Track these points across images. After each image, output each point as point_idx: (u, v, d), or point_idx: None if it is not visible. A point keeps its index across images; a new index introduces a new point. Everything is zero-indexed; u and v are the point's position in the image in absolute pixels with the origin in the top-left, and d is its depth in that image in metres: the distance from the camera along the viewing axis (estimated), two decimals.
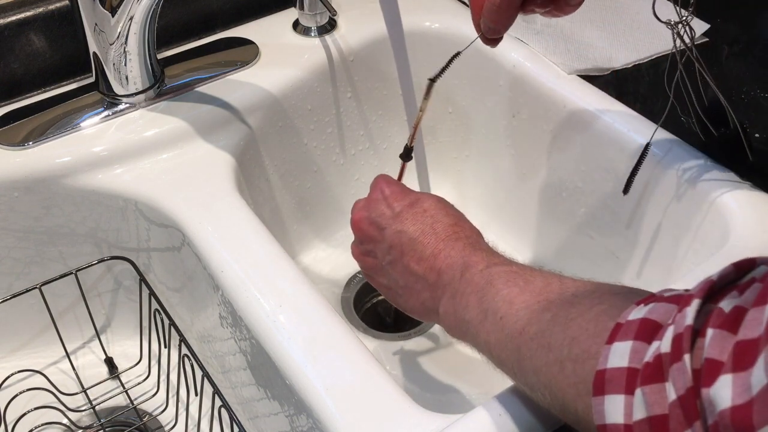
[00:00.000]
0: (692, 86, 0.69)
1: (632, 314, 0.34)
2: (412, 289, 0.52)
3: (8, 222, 0.68)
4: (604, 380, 0.33)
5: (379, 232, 0.54)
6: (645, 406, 0.30)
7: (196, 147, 0.69)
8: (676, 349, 0.30)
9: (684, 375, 0.29)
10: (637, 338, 0.32)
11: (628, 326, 0.33)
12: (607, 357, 0.33)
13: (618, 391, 0.32)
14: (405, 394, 0.50)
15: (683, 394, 0.29)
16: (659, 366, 0.30)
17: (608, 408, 0.32)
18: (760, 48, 0.72)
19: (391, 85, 0.83)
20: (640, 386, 0.31)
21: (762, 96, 0.68)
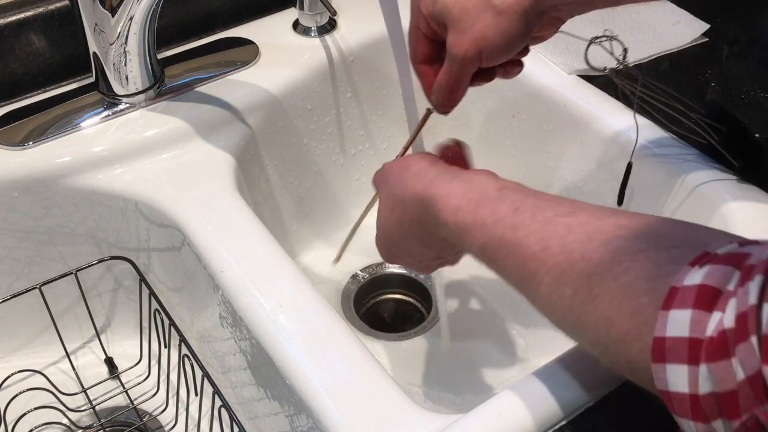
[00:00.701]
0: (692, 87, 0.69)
1: (688, 278, 0.33)
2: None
3: (8, 222, 0.68)
4: (664, 348, 0.32)
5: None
6: (712, 382, 0.30)
7: (196, 147, 0.69)
8: (741, 328, 0.29)
9: (752, 355, 0.28)
10: (696, 307, 0.31)
11: (686, 292, 0.32)
12: (666, 324, 0.32)
13: (681, 360, 0.31)
14: (405, 394, 0.50)
15: (752, 374, 0.29)
16: (724, 342, 0.30)
17: (671, 377, 0.32)
18: (760, 48, 0.73)
19: (391, 85, 0.83)
20: (705, 362, 0.30)
21: (762, 96, 0.68)
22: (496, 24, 0.47)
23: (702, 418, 0.31)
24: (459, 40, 0.49)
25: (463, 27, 0.48)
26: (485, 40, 0.48)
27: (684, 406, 0.32)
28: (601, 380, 0.47)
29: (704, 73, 0.71)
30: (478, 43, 0.48)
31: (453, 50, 0.49)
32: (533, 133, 0.77)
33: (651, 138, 0.67)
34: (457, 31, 0.49)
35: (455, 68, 0.50)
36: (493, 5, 0.47)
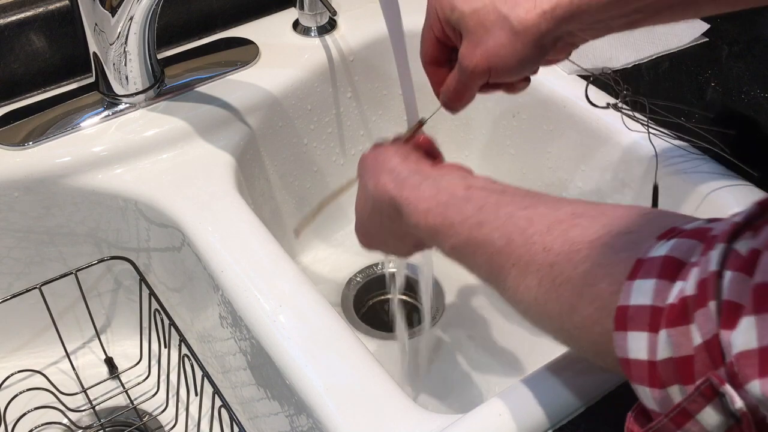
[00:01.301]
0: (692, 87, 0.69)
1: (654, 250, 0.33)
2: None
3: (8, 222, 0.68)
4: (626, 316, 0.33)
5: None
6: (670, 347, 0.31)
7: (196, 147, 0.69)
8: (701, 294, 0.30)
9: (710, 320, 0.29)
10: (661, 276, 0.32)
11: (651, 263, 0.33)
12: (630, 293, 0.33)
13: (641, 328, 0.32)
14: (405, 394, 0.50)
15: (709, 338, 0.29)
16: (684, 308, 0.30)
17: (631, 344, 0.32)
18: (760, 48, 0.72)
19: (391, 85, 0.83)
20: (665, 327, 0.31)
21: (762, 96, 0.68)
22: (510, 44, 0.47)
23: (658, 384, 0.31)
24: (471, 52, 0.48)
25: (477, 40, 0.48)
26: (497, 57, 0.47)
27: (642, 373, 0.32)
28: (600, 381, 0.47)
29: (704, 73, 0.71)
30: (489, 60, 0.48)
31: (464, 61, 0.49)
32: (533, 133, 0.77)
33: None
34: (471, 43, 0.48)
35: (463, 78, 0.50)
36: (510, 24, 0.46)
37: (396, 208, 0.49)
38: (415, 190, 0.48)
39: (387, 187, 0.50)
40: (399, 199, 0.49)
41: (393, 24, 0.53)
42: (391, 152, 0.53)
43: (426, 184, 0.48)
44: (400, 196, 0.49)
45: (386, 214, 0.51)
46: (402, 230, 0.51)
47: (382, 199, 0.51)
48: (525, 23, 0.46)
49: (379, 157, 0.53)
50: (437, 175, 0.49)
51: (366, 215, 0.54)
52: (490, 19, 0.47)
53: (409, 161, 0.52)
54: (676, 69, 0.72)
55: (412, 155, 0.53)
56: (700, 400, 0.29)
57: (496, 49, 0.47)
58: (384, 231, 0.53)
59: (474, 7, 0.47)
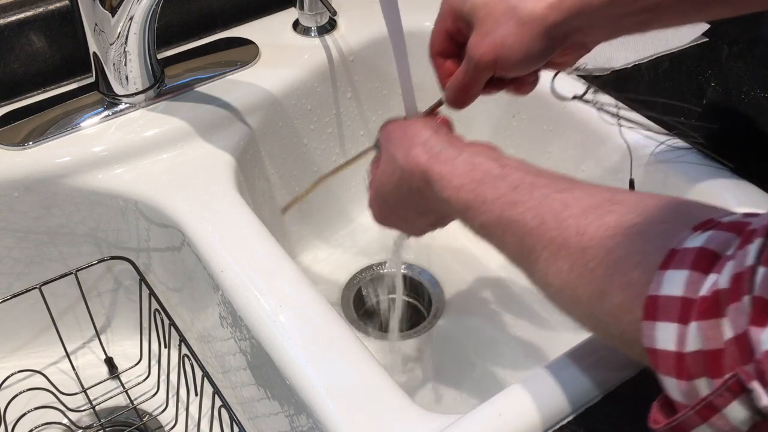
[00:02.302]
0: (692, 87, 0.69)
1: (688, 241, 0.33)
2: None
3: (8, 222, 0.68)
4: (656, 306, 0.33)
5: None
6: (700, 339, 0.30)
7: (196, 147, 0.69)
8: (735, 288, 0.29)
9: (743, 315, 0.29)
10: (694, 268, 0.32)
11: (684, 254, 0.33)
12: (661, 283, 0.33)
13: (671, 319, 0.32)
14: (405, 394, 0.50)
15: (741, 333, 0.29)
16: (716, 301, 0.30)
17: (659, 334, 0.32)
18: (760, 48, 0.72)
19: (391, 85, 0.83)
20: (695, 320, 0.31)
21: (762, 96, 0.68)
22: (516, 34, 0.47)
23: (686, 376, 0.31)
24: (478, 42, 0.48)
25: (485, 30, 0.48)
26: (503, 48, 0.47)
27: (669, 364, 0.32)
28: (600, 381, 0.47)
29: (704, 73, 0.71)
30: (496, 50, 0.48)
31: (471, 51, 0.49)
32: (533, 133, 0.77)
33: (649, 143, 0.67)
34: (479, 33, 0.48)
35: (470, 70, 0.50)
36: (517, 15, 0.46)
37: (427, 181, 0.49)
38: (448, 164, 0.48)
39: (419, 159, 0.49)
40: (431, 173, 0.48)
41: (393, 24, 0.53)
42: (421, 125, 0.53)
43: (461, 159, 0.48)
44: (432, 169, 0.48)
45: (415, 188, 0.50)
46: (428, 205, 0.51)
47: (412, 172, 0.50)
48: (533, 14, 0.46)
49: (408, 130, 0.52)
50: (472, 150, 0.49)
51: (390, 187, 0.53)
52: (499, 9, 0.47)
53: (440, 134, 0.51)
54: (676, 69, 0.72)
55: (441, 129, 0.52)
56: (727, 394, 0.29)
57: (503, 38, 0.47)
58: (407, 205, 0.53)
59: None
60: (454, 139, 0.51)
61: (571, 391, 0.47)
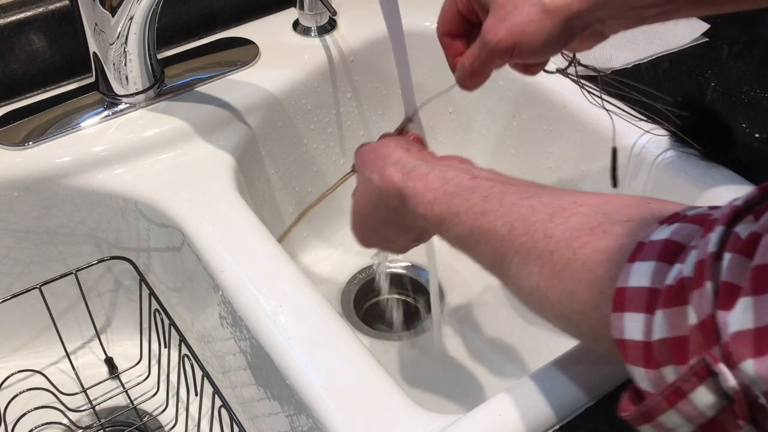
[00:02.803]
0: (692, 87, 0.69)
1: (655, 234, 0.34)
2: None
3: (8, 222, 0.68)
4: (624, 298, 0.33)
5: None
6: (665, 327, 0.31)
7: (196, 147, 0.69)
8: (698, 275, 0.30)
9: (706, 300, 0.29)
10: (660, 259, 0.32)
11: (651, 246, 0.33)
12: (629, 275, 0.33)
13: (638, 309, 0.32)
14: (405, 394, 0.50)
15: (704, 318, 0.29)
16: (681, 289, 0.31)
17: (627, 325, 0.33)
18: (760, 48, 0.73)
19: (391, 85, 0.83)
20: (661, 308, 0.31)
21: (762, 96, 0.68)
22: (539, 21, 0.45)
23: (653, 365, 0.32)
24: (496, 26, 0.47)
25: (504, 14, 0.46)
26: (523, 34, 0.46)
27: (637, 354, 0.32)
28: (600, 381, 0.47)
29: (704, 73, 0.71)
30: (515, 36, 0.46)
31: (487, 36, 0.48)
32: (533, 133, 0.77)
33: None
34: (497, 17, 0.47)
35: (483, 54, 0.49)
36: (541, 1, 0.45)
37: (403, 199, 0.49)
38: (421, 180, 0.49)
39: (394, 178, 0.50)
40: (406, 190, 0.49)
41: (393, 24, 0.53)
42: (393, 144, 0.53)
43: (433, 174, 0.48)
44: (406, 186, 0.49)
45: (392, 207, 0.51)
46: (407, 222, 0.51)
47: (388, 191, 0.50)
48: (557, 2, 0.45)
49: (380, 150, 0.53)
50: (443, 165, 0.49)
51: (369, 210, 0.54)
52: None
53: (412, 152, 0.52)
54: (676, 69, 0.72)
55: (413, 147, 0.53)
56: (693, 379, 0.29)
57: (524, 25, 0.46)
58: (387, 224, 0.53)
59: None
60: (426, 155, 0.52)
61: (572, 390, 0.47)
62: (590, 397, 0.47)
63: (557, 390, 0.47)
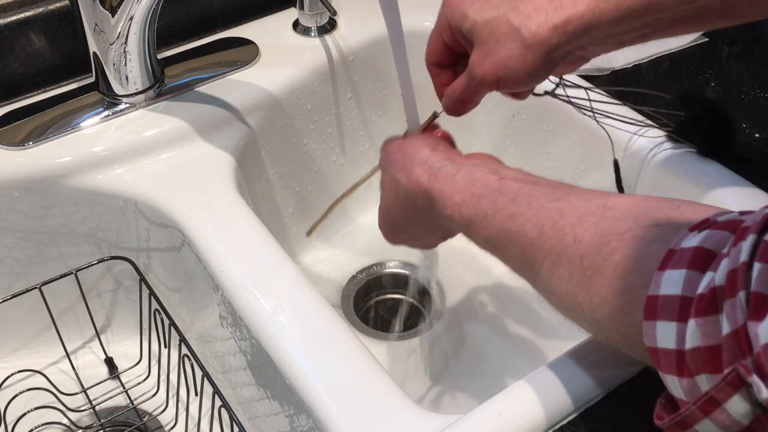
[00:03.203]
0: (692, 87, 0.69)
1: (685, 241, 0.34)
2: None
3: (8, 222, 0.68)
4: (656, 306, 0.33)
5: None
6: (698, 336, 0.31)
7: (196, 147, 0.69)
8: (731, 284, 0.30)
9: (739, 310, 0.29)
10: (691, 267, 0.32)
11: (682, 254, 0.33)
12: (660, 283, 0.33)
13: (671, 318, 0.32)
14: (405, 394, 0.50)
15: (737, 328, 0.29)
16: (713, 298, 0.31)
17: (660, 333, 0.33)
18: (760, 48, 0.73)
19: (391, 85, 0.83)
20: (693, 317, 0.31)
21: (762, 96, 0.68)
22: (520, 56, 0.47)
23: (687, 373, 0.32)
24: (481, 62, 0.49)
25: (488, 50, 0.48)
26: (506, 69, 0.48)
27: (670, 362, 0.32)
28: (600, 381, 0.47)
29: (704, 73, 0.71)
30: (498, 71, 0.48)
31: (474, 70, 0.49)
32: (533, 133, 0.77)
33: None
34: (482, 52, 0.49)
35: (471, 85, 0.51)
36: (522, 37, 0.47)
37: (430, 200, 0.49)
38: (448, 182, 0.49)
39: (420, 179, 0.50)
40: (433, 192, 0.49)
41: (393, 24, 0.53)
42: (419, 143, 0.53)
43: (460, 174, 0.49)
44: (433, 188, 0.49)
45: (419, 207, 0.51)
46: (434, 222, 0.51)
47: (415, 192, 0.51)
48: (537, 37, 0.46)
49: (407, 150, 0.53)
50: (470, 165, 0.49)
51: (396, 209, 0.54)
52: (502, 30, 0.47)
53: (438, 151, 0.52)
54: (676, 69, 0.72)
55: (440, 145, 0.53)
56: (727, 389, 0.29)
57: (507, 60, 0.47)
58: (415, 223, 0.54)
59: (486, 18, 0.48)
60: (453, 154, 0.52)
61: (572, 390, 0.47)
62: (591, 397, 0.47)
63: (557, 390, 0.47)
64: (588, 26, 0.45)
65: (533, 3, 0.47)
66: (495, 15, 0.47)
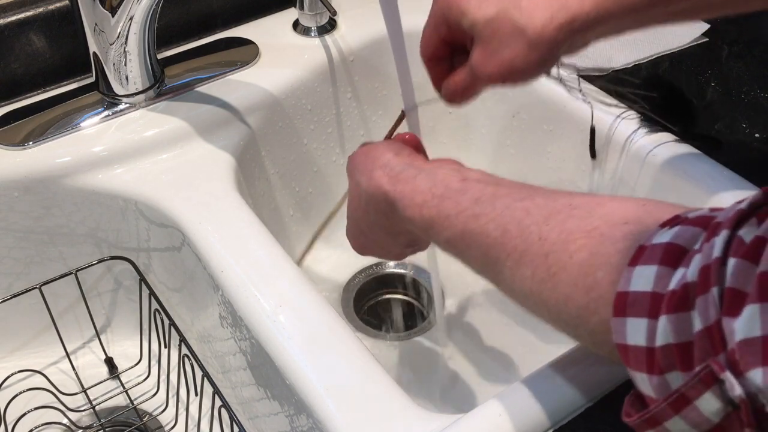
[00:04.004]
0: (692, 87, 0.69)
1: (656, 237, 0.33)
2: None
3: (8, 222, 0.68)
4: (626, 303, 0.33)
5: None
6: (670, 333, 0.31)
7: (196, 147, 0.69)
8: (703, 280, 0.30)
9: (711, 306, 0.29)
10: (662, 263, 0.32)
11: (653, 250, 0.33)
12: (630, 279, 0.33)
13: (641, 314, 0.32)
14: (405, 394, 0.50)
15: (710, 325, 0.29)
16: (685, 295, 0.30)
17: (630, 330, 0.32)
18: (760, 48, 0.73)
19: (391, 85, 0.83)
20: (665, 313, 0.31)
21: (762, 96, 0.68)
22: (525, 55, 0.47)
23: (657, 371, 0.31)
24: (485, 61, 0.48)
25: (492, 49, 0.48)
26: (512, 68, 0.48)
27: (640, 359, 0.32)
28: (600, 381, 0.47)
29: (704, 73, 0.71)
30: (504, 70, 0.48)
31: (478, 69, 0.49)
32: (533, 133, 0.77)
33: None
34: (485, 51, 0.48)
35: (475, 83, 0.51)
36: (526, 36, 0.46)
37: (390, 203, 0.49)
38: (409, 183, 0.48)
39: (381, 181, 0.49)
40: (393, 194, 0.48)
41: (393, 24, 0.53)
42: (382, 148, 0.52)
43: (421, 176, 0.48)
44: (394, 190, 0.48)
45: (380, 210, 0.50)
46: (396, 227, 0.51)
47: (376, 195, 0.50)
48: (542, 36, 0.46)
49: (370, 153, 0.52)
50: (431, 168, 0.49)
51: (359, 214, 0.53)
52: (505, 29, 0.47)
53: (402, 155, 0.51)
54: (676, 69, 0.72)
55: (404, 150, 0.52)
56: (699, 386, 0.29)
57: (512, 60, 0.47)
58: (377, 229, 0.53)
59: (487, 16, 0.47)
60: (416, 158, 0.52)
61: (572, 391, 0.47)
62: (590, 398, 0.47)
63: (557, 390, 0.47)
64: (594, 22, 0.45)
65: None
66: (495, 13, 0.47)
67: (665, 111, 0.66)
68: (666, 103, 0.67)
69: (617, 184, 0.70)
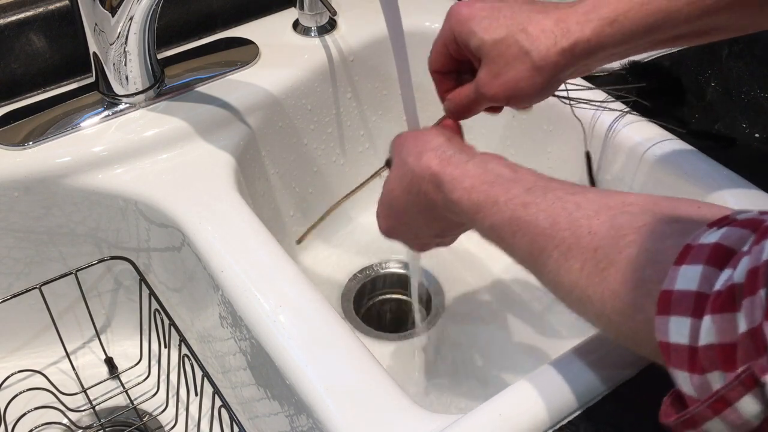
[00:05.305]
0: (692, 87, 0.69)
1: (704, 237, 0.33)
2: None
3: (8, 222, 0.68)
4: (670, 301, 0.33)
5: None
6: (713, 333, 0.30)
7: (196, 147, 0.69)
8: (751, 282, 0.29)
9: (758, 308, 0.29)
10: (709, 263, 0.32)
11: (699, 250, 0.33)
12: (675, 278, 0.33)
13: (685, 313, 0.32)
14: (405, 394, 0.50)
15: (755, 327, 0.29)
16: (731, 296, 0.30)
17: (673, 328, 0.32)
18: (760, 48, 0.73)
19: (391, 85, 0.83)
20: (710, 313, 0.31)
21: (762, 96, 0.68)
22: (530, 78, 0.48)
23: (698, 370, 0.31)
24: (490, 82, 0.50)
25: (497, 71, 0.49)
26: (516, 89, 0.49)
27: (681, 357, 0.32)
28: (600, 380, 0.47)
29: (704, 73, 0.71)
30: (508, 91, 0.49)
31: (483, 89, 0.50)
32: (533, 133, 0.77)
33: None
34: (491, 72, 0.50)
35: (479, 101, 0.52)
36: (531, 59, 0.48)
37: (437, 184, 0.49)
38: (459, 167, 0.49)
39: (430, 163, 0.50)
40: (442, 175, 0.49)
41: (393, 24, 0.53)
42: (434, 132, 0.53)
43: (472, 162, 0.49)
44: (443, 171, 0.49)
45: (423, 191, 0.51)
46: (435, 212, 0.51)
47: (422, 175, 0.50)
48: (546, 60, 0.47)
49: (420, 137, 0.53)
50: (483, 157, 0.50)
51: (397, 193, 0.53)
52: (511, 52, 0.48)
53: (453, 141, 0.52)
54: (676, 69, 0.72)
55: (455, 138, 0.53)
56: (739, 388, 0.29)
57: (516, 82, 0.49)
58: (414, 212, 0.53)
59: (495, 38, 0.49)
60: (465, 147, 0.52)
61: (572, 390, 0.47)
62: (591, 396, 0.47)
63: (557, 390, 0.47)
64: (594, 48, 0.47)
65: (541, 25, 0.48)
66: (503, 36, 0.48)
67: (665, 110, 0.66)
68: (666, 102, 0.67)
69: (617, 183, 0.70)
